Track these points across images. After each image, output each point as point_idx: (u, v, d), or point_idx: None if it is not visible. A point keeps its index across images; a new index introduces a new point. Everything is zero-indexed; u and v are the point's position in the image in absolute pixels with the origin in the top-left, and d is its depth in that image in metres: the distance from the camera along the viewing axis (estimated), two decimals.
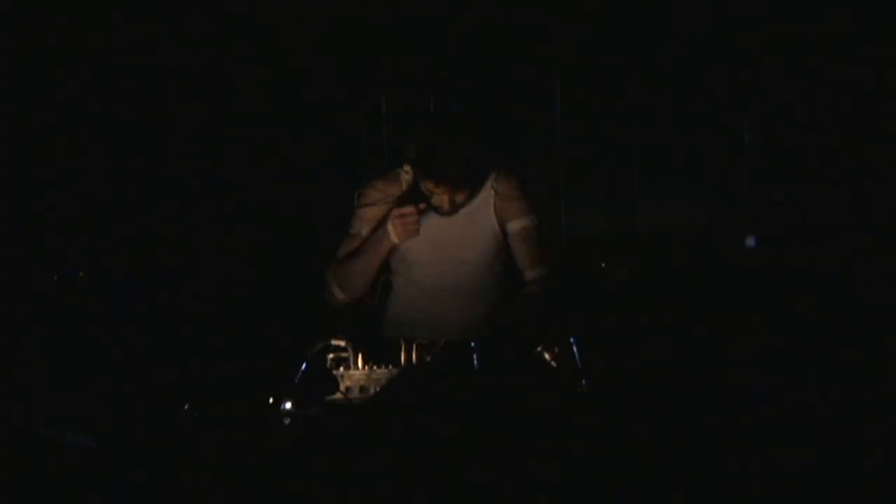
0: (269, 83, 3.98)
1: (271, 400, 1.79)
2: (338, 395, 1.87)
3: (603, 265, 1.92)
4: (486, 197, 2.36)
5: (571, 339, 1.96)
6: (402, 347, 2.00)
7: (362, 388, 1.90)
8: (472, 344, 1.98)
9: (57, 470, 1.67)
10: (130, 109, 3.51)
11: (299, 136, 4.03)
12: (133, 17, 3.39)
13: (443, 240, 2.35)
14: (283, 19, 3.60)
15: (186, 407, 1.77)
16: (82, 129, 3.39)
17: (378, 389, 1.88)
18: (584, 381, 1.88)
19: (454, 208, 2.26)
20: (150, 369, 2.24)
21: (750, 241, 3.84)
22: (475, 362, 1.91)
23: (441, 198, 2.23)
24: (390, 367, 1.94)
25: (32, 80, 3.25)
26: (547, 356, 1.92)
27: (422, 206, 2.20)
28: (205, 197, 3.70)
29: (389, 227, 2.21)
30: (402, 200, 2.33)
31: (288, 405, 1.79)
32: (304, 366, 1.91)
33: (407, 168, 2.33)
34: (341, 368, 1.94)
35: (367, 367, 1.94)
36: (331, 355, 1.97)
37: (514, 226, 2.37)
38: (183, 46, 3.65)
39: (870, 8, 3.54)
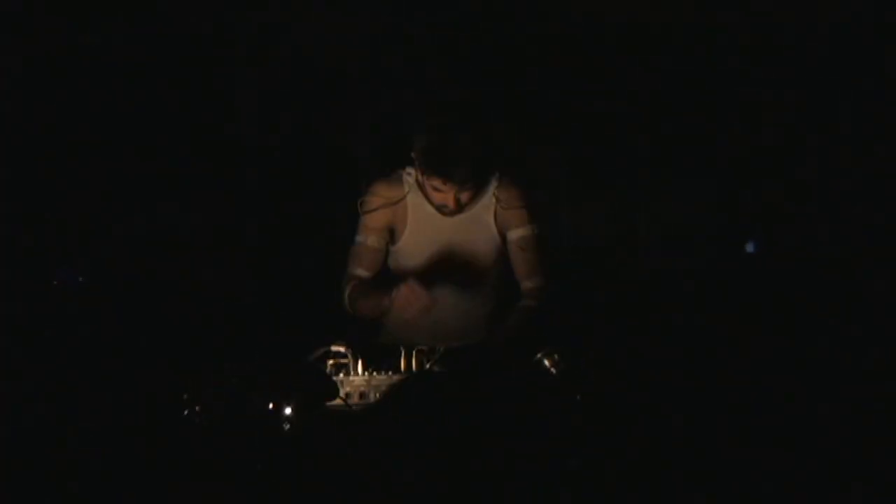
0: (271, 84, 3.97)
1: (271, 405, 1.78)
2: (337, 401, 1.86)
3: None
4: (487, 203, 2.34)
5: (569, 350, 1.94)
6: (402, 354, 2.00)
7: (362, 395, 1.90)
8: (471, 351, 1.97)
9: (57, 470, 1.68)
10: (131, 109, 3.51)
11: (301, 137, 4.03)
12: (133, 17, 3.38)
13: (443, 243, 2.34)
14: (284, 19, 3.60)
15: (186, 413, 1.75)
16: (82, 129, 3.38)
17: (378, 396, 1.87)
18: (580, 394, 1.86)
19: (458, 209, 2.25)
20: (149, 371, 2.24)
21: (749, 247, 3.84)
22: (474, 370, 1.90)
23: (446, 196, 2.21)
24: (390, 373, 1.94)
25: (32, 81, 3.25)
26: (547, 363, 1.91)
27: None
28: (205, 197, 3.70)
29: (398, 292, 2.14)
30: (404, 203, 2.32)
31: (287, 411, 1.78)
32: (303, 371, 1.90)
33: (409, 170, 2.31)
34: (341, 374, 1.93)
35: (367, 374, 1.93)
36: (331, 361, 1.97)
37: (514, 234, 2.36)
38: (183, 46, 3.65)
39: (870, 8, 3.54)
